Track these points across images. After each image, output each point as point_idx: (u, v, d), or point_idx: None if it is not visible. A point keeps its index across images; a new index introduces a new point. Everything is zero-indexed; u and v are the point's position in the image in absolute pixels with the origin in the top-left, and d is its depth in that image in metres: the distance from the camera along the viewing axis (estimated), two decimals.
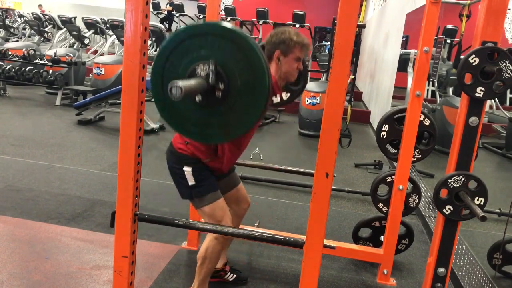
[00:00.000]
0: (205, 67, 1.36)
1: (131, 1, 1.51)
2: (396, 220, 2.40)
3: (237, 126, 1.45)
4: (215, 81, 1.35)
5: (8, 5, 18.74)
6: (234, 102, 1.40)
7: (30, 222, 2.77)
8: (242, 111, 1.42)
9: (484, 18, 1.56)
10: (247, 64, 1.37)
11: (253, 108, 1.41)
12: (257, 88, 1.39)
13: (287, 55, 1.83)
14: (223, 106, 1.41)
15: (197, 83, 1.32)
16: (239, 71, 1.37)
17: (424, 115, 2.35)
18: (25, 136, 4.70)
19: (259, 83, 1.38)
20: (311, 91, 6.10)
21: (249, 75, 1.37)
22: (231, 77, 1.37)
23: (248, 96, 1.39)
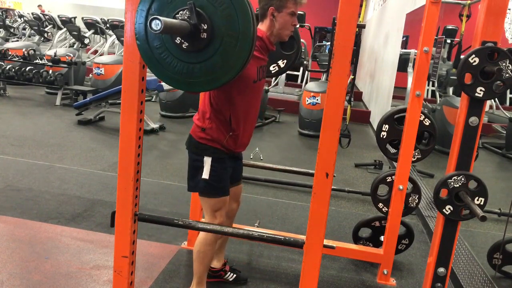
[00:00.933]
0: (185, 12, 1.37)
1: (131, 1, 1.51)
2: (396, 220, 2.40)
3: (222, 71, 1.43)
4: (197, 21, 1.36)
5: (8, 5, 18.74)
6: (220, 44, 1.39)
7: (30, 222, 2.77)
8: (228, 53, 1.40)
9: (484, 18, 1.56)
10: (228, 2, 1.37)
11: (239, 49, 1.40)
12: (241, 27, 1.38)
13: (281, 10, 1.81)
14: (209, 50, 1.40)
15: (178, 22, 1.33)
16: (220, 10, 1.37)
17: (424, 115, 2.35)
18: (25, 136, 4.70)
19: (242, 21, 1.38)
20: (311, 91, 6.11)
21: (231, 13, 1.37)
22: (213, 17, 1.38)
23: (233, 35, 1.38)
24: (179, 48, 1.42)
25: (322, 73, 7.50)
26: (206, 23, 1.37)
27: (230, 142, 1.87)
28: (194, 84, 1.48)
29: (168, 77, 1.48)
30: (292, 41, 2.28)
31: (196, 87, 1.49)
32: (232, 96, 1.79)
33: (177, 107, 6.37)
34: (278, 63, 2.34)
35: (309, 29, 11.02)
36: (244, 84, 1.77)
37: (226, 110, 1.82)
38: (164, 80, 1.50)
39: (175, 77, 1.47)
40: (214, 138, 1.84)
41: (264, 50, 1.86)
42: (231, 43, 1.39)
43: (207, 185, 1.86)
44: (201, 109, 1.89)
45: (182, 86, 1.51)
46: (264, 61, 1.90)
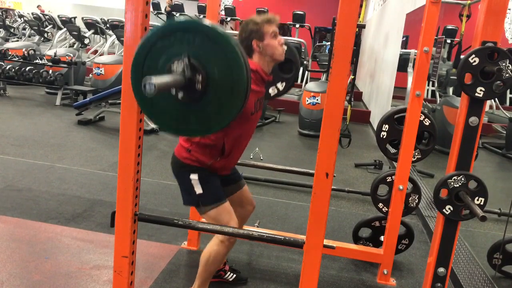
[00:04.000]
0: (179, 63, 1.36)
1: (131, 1, 1.51)
2: (396, 220, 2.40)
3: (216, 119, 1.43)
4: (192, 73, 1.35)
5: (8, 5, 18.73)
6: (214, 95, 1.39)
7: (30, 222, 2.77)
8: (221, 104, 1.40)
9: (484, 18, 1.56)
10: (222, 54, 1.36)
11: (233, 101, 1.40)
12: (234, 78, 1.37)
13: (263, 38, 1.83)
14: (203, 100, 1.40)
15: (172, 78, 1.32)
16: (215, 61, 1.37)
17: (424, 115, 2.35)
18: (25, 136, 4.70)
19: (236, 72, 1.37)
20: (311, 91, 6.10)
21: (225, 65, 1.37)
22: (208, 68, 1.37)
23: (227, 87, 1.38)
24: (174, 98, 1.40)
25: (322, 73, 7.50)
26: (201, 74, 1.37)
27: (216, 165, 1.89)
28: (189, 131, 1.49)
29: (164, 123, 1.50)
30: (290, 64, 2.30)
31: (191, 133, 1.52)
32: (228, 128, 1.78)
33: None
34: (277, 85, 2.37)
35: (309, 29, 11.04)
36: (242, 118, 1.78)
37: (220, 139, 1.83)
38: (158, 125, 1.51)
39: (170, 123, 1.48)
40: (199, 160, 1.85)
41: (260, 82, 1.88)
42: (226, 93, 1.39)
43: (203, 198, 1.87)
44: None
45: (177, 132, 1.52)
46: (261, 93, 1.91)
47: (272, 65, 1.91)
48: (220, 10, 2.39)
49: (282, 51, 1.88)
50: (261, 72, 1.85)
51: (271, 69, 1.92)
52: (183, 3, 12.74)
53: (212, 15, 2.35)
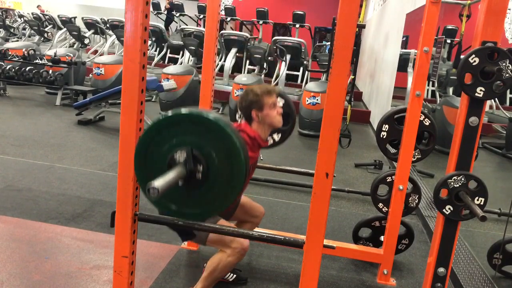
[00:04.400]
0: (182, 154, 1.41)
1: (131, 1, 1.51)
2: (396, 220, 2.40)
3: (216, 204, 1.49)
4: (193, 165, 1.41)
5: (8, 5, 18.74)
6: (214, 182, 1.45)
7: (30, 222, 2.77)
8: (221, 189, 1.46)
9: (484, 18, 1.56)
10: (222, 145, 1.42)
11: (232, 186, 1.46)
12: (234, 166, 1.43)
13: (262, 108, 1.94)
14: (203, 187, 1.46)
15: (174, 176, 1.35)
16: (215, 152, 1.43)
17: (424, 115, 2.35)
18: (25, 136, 4.70)
19: (235, 161, 1.42)
20: (311, 91, 6.10)
21: (225, 155, 1.43)
22: (209, 158, 1.43)
23: (227, 174, 1.44)
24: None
25: (322, 73, 7.50)
26: (202, 165, 1.42)
27: None
28: (189, 215, 1.53)
29: (162, 205, 1.53)
30: (287, 116, 2.36)
31: (190, 217, 1.56)
32: None
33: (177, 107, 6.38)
34: (273, 136, 2.46)
35: (309, 29, 11.05)
36: None
37: None
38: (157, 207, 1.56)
39: (168, 205, 1.51)
40: None
41: (256, 148, 1.97)
42: (224, 184, 1.45)
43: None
44: None
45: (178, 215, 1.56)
46: (255, 158, 1.99)
47: (270, 131, 2.02)
48: (220, 10, 2.39)
49: (280, 120, 1.99)
50: (259, 139, 1.95)
51: (267, 135, 2.03)
52: (183, 3, 12.74)
53: (212, 15, 2.34)
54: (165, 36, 9.78)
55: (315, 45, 10.58)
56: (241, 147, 1.42)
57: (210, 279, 1.97)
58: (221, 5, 2.54)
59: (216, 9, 2.34)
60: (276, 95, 2.00)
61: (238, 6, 12.57)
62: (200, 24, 12.13)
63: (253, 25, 12.30)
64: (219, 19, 2.40)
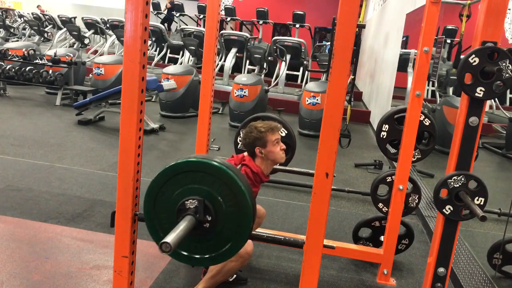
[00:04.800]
0: (194, 202, 1.43)
1: (131, 1, 1.51)
2: (396, 220, 2.40)
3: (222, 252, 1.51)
4: (203, 216, 1.44)
5: (8, 5, 18.73)
6: (221, 230, 1.47)
7: (30, 222, 2.77)
8: (226, 240, 1.48)
9: (484, 18, 1.56)
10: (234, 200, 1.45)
11: (238, 237, 1.48)
12: (242, 221, 1.46)
13: (266, 145, 1.99)
14: (211, 234, 1.48)
15: (185, 227, 1.37)
16: (225, 205, 1.46)
17: (424, 115, 2.35)
18: (25, 136, 4.70)
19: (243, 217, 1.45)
20: (311, 91, 6.10)
21: (235, 210, 1.45)
22: (218, 210, 1.46)
23: (234, 223, 1.46)
24: None
25: (322, 73, 7.50)
26: (211, 216, 1.44)
27: None
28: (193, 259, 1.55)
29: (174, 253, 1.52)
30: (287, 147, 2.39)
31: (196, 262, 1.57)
32: None
33: (177, 107, 6.37)
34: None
35: (309, 29, 11.05)
36: None
37: None
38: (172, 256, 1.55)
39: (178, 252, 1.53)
40: None
41: (258, 183, 2.03)
42: (231, 234, 1.48)
43: None
44: None
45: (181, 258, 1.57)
46: (256, 193, 2.06)
47: (273, 166, 2.08)
48: (220, 10, 2.39)
49: (283, 156, 2.04)
50: (261, 175, 2.01)
51: (270, 170, 2.09)
52: (183, 3, 12.74)
53: (212, 15, 2.34)
54: (165, 36, 9.78)
55: (315, 45, 10.59)
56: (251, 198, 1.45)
57: (213, 281, 1.98)
58: (221, 5, 2.53)
59: (216, 9, 2.34)
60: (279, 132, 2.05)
61: (238, 6, 12.57)
62: (200, 24, 12.13)
63: (253, 25, 12.31)
64: (219, 19, 2.40)
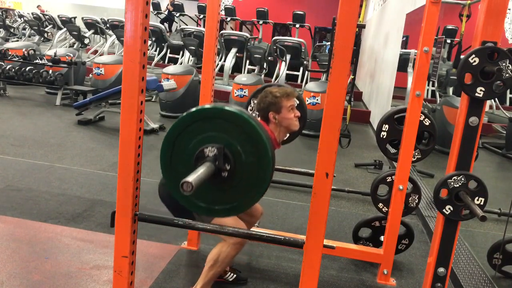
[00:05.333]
0: (213, 149, 1.41)
1: (131, 1, 1.51)
2: (396, 220, 2.40)
3: (243, 201, 1.49)
4: (223, 164, 1.41)
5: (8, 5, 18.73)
6: (240, 180, 1.45)
7: (30, 222, 2.77)
8: (246, 188, 1.46)
9: (484, 18, 1.56)
10: (253, 147, 1.42)
11: (257, 186, 1.45)
12: (261, 169, 1.43)
13: (280, 111, 1.96)
14: (229, 184, 1.46)
15: (205, 172, 1.36)
16: (244, 153, 1.43)
17: (424, 115, 2.35)
18: (25, 136, 4.70)
19: (263, 164, 1.43)
20: (311, 91, 6.10)
21: (254, 157, 1.43)
22: (237, 158, 1.43)
23: (252, 176, 1.44)
24: None
25: (322, 73, 7.50)
26: (230, 165, 1.42)
27: None
28: (211, 211, 1.53)
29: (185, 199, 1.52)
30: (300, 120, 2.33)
31: (214, 213, 1.56)
32: None
33: (177, 107, 6.37)
34: None
35: (309, 29, 11.05)
36: None
37: None
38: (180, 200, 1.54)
39: (192, 200, 1.51)
40: None
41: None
42: (249, 184, 1.45)
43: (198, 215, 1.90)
44: None
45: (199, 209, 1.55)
46: None
47: (286, 134, 2.04)
48: (220, 10, 2.39)
49: (297, 123, 2.00)
50: (274, 142, 1.97)
51: (283, 138, 2.04)
52: (183, 3, 12.74)
53: (212, 15, 2.34)
54: (165, 36, 9.78)
55: (315, 45, 10.59)
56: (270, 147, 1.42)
57: (211, 273, 1.96)
58: (221, 5, 2.53)
59: (216, 9, 2.34)
60: (294, 98, 2.01)
61: (238, 6, 12.57)
62: (200, 24, 12.13)
63: (253, 25, 12.30)
64: (219, 19, 2.40)
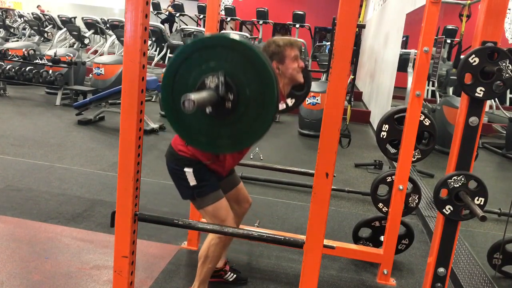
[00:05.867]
0: (214, 79, 1.38)
1: (131, 1, 1.51)
2: (396, 220, 2.40)
3: (247, 136, 1.46)
4: (225, 92, 1.37)
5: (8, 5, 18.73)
6: (243, 113, 1.42)
7: (30, 222, 2.77)
8: (251, 121, 1.43)
9: (484, 18, 1.56)
10: (256, 74, 1.39)
11: (262, 118, 1.43)
12: (266, 98, 1.40)
13: (283, 61, 1.87)
14: (233, 117, 1.42)
15: (208, 95, 1.33)
16: (247, 81, 1.39)
17: (424, 115, 2.35)
18: (25, 136, 4.70)
19: (267, 92, 1.39)
20: (311, 91, 6.10)
21: (258, 85, 1.39)
22: (240, 87, 1.39)
23: (257, 106, 1.41)
24: (202, 112, 1.42)
25: (322, 73, 7.50)
26: (233, 94, 1.39)
27: (210, 166, 1.88)
28: (215, 146, 1.50)
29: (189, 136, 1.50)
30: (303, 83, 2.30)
31: (218, 149, 1.52)
32: None
33: None
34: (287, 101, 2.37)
35: (309, 29, 11.05)
36: None
37: None
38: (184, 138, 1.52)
39: (196, 136, 1.49)
40: (194, 156, 1.83)
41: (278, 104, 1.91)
42: (253, 115, 1.42)
43: (198, 190, 1.86)
44: None
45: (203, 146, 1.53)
46: None
47: (289, 87, 1.95)
48: (220, 10, 2.39)
49: (301, 75, 1.91)
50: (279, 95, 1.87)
51: (287, 91, 1.95)
52: (183, 3, 12.74)
53: (212, 15, 2.34)
54: (165, 36, 9.78)
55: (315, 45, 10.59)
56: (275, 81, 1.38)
57: (205, 270, 1.95)
58: (221, 5, 2.53)
59: (216, 9, 2.34)
60: (298, 48, 1.91)
61: (238, 6, 12.57)
62: (200, 24, 12.14)
63: (253, 25, 12.31)
64: (219, 19, 2.39)
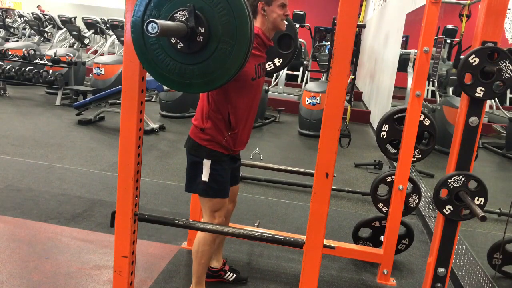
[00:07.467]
0: (184, 13, 1.36)
1: (131, 1, 1.51)
2: (396, 220, 2.40)
3: (220, 73, 1.42)
4: (195, 24, 1.35)
5: (8, 5, 18.73)
6: (216, 49, 1.39)
7: (30, 222, 2.77)
8: (224, 57, 1.40)
9: (484, 18, 1.56)
10: (228, 8, 1.36)
11: (235, 54, 1.39)
12: (238, 33, 1.37)
13: (271, 3, 1.82)
14: (205, 53, 1.40)
15: (175, 24, 1.31)
16: (219, 15, 1.37)
17: (424, 115, 2.35)
18: (25, 136, 4.70)
19: (240, 27, 1.37)
20: (311, 91, 6.10)
21: (230, 19, 1.37)
22: (211, 21, 1.37)
23: (230, 40, 1.38)
24: (173, 48, 1.41)
25: (322, 73, 7.50)
26: (204, 27, 1.37)
27: (230, 141, 1.87)
28: (187, 85, 1.47)
29: (161, 75, 1.47)
30: (289, 40, 2.27)
31: (190, 89, 1.48)
32: (230, 95, 1.79)
33: (177, 107, 6.37)
34: (274, 61, 2.33)
35: (309, 29, 11.04)
36: (242, 83, 1.77)
37: (225, 109, 1.82)
38: (156, 78, 1.48)
39: (168, 76, 1.46)
40: (214, 138, 1.84)
41: (261, 47, 1.87)
42: (226, 49, 1.39)
43: (206, 187, 1.86)
44: (199, 110, 1.89)
45: (175, 86, 1.50)
46: (262, 58, 1.89)
47: (273, 33, 1.91)
48: None
49: (284, 23, 1.87)
50: (263, 36, 1.84)
51: (271, 37, 1.91)
52: None
53: None
54: None
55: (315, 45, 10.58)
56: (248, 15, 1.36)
57: (199, 266, 1.96)
58: None
59: None
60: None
61: None
62: None
63: None
64: None
